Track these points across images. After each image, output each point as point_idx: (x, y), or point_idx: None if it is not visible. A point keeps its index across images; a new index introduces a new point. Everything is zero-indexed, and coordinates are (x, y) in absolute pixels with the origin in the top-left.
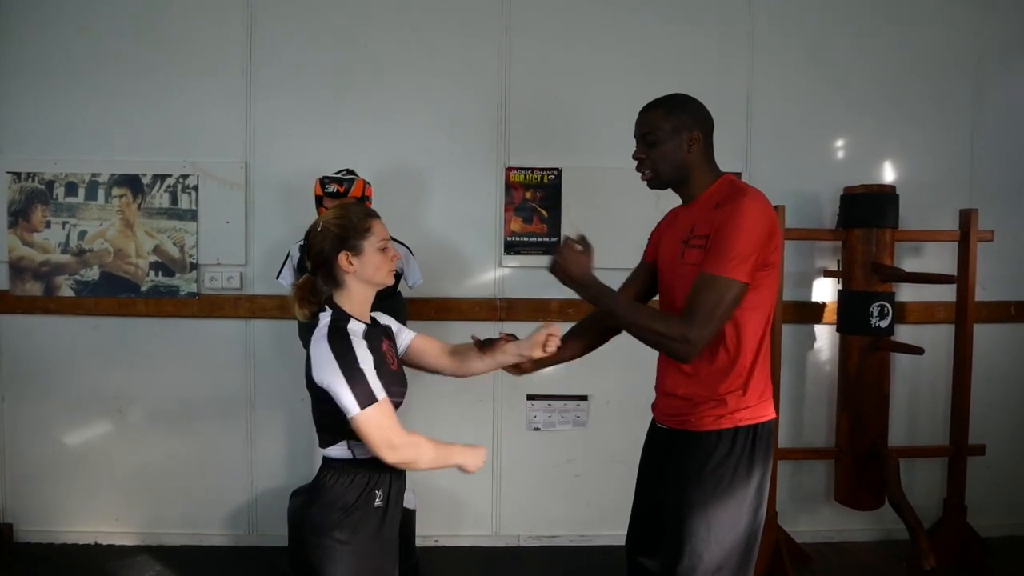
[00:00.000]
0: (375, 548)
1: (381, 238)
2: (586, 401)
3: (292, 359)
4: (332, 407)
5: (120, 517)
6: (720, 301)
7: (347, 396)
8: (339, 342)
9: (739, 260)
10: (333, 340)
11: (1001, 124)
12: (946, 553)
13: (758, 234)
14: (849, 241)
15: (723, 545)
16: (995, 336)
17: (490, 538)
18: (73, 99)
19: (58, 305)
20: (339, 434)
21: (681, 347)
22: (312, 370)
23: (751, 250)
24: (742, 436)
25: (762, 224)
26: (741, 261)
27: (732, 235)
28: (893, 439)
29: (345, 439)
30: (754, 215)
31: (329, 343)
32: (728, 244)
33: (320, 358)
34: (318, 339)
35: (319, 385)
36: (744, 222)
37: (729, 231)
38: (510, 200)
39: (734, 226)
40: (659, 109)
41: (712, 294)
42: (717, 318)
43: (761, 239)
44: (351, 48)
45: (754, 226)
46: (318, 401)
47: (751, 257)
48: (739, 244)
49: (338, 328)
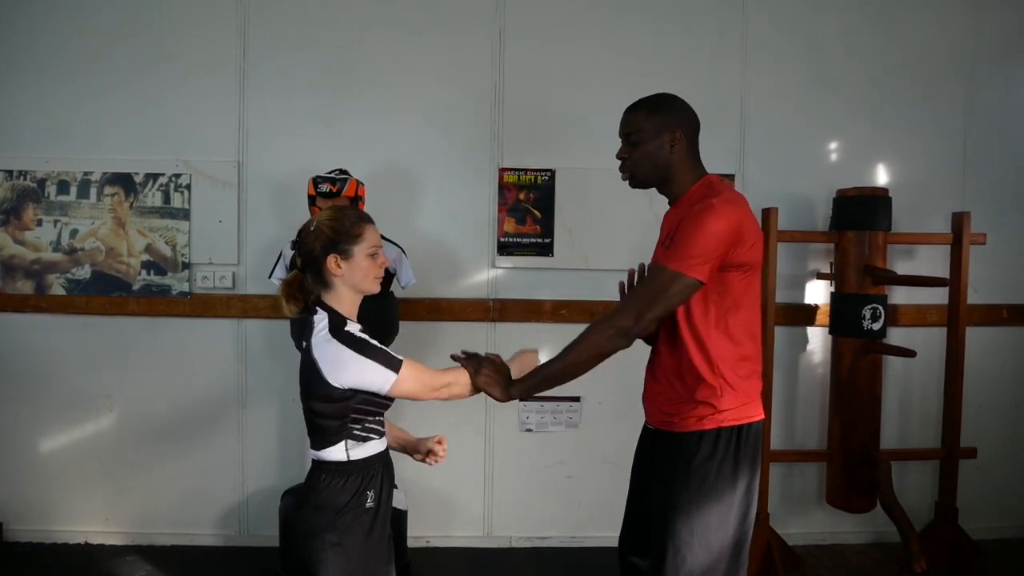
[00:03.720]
0: (366, 549)
1: (372, 244)
2: (578, 402)
3: (284, 358)
4: (338, 408)
5: (110, 516)
6: (661, 291)
7: (376, 372)
8: (345, 335)
9: (694, 258)
10: (339, 336)
11: (994, 127)
12: (937, 556)
13: (720, 235)
14: (842, 243)
15: (709, 548)
16: (987, 339)
17: (482, 539)
18: (66, 97)
19: (49, 304)
20: (338, 436)
21: (620, 341)
22: (326, 374)
23: (709, 250)
24: (725, 437)
25: (726, 225)
26: (696, 259)
27: (691, 233)
28: (885, 442)
29: (344, 440)
30: (719, 216)
31: (337, 340)
32: (685, 240)
33: (333, 356)
34: (323, 341)
35: (340, 387)
36: (707, 221)
37: (689, 229)
38: (503, 201)
39: (696, 224)
40: (642, 109)
41: (654, 284)
42: (656, 307)
43: (723, 240)
44: (345, 48)
45: (716, 226)
46: (325, 402)
47: (708, 256)
48: (696, 242)
49: (339, 326)
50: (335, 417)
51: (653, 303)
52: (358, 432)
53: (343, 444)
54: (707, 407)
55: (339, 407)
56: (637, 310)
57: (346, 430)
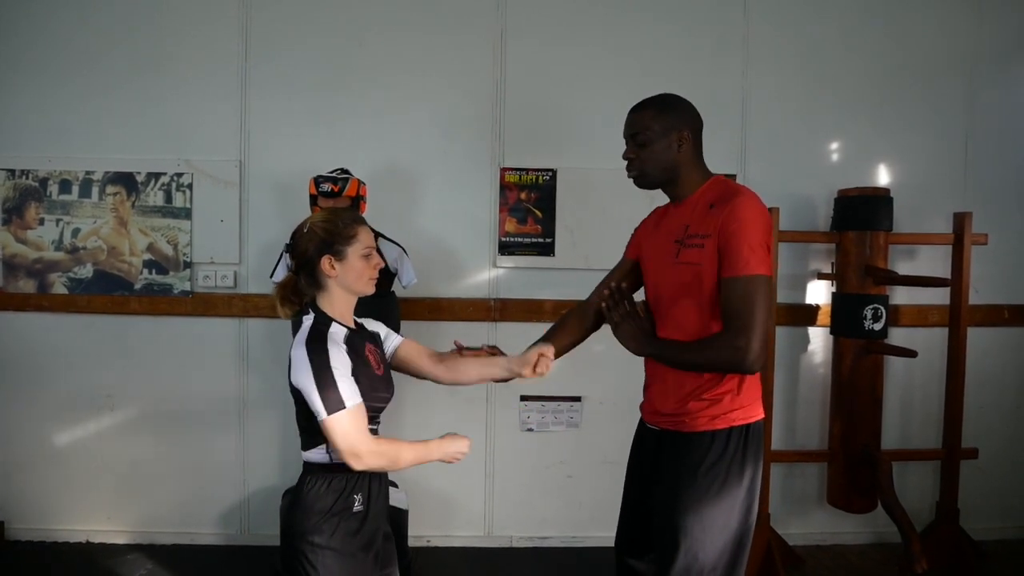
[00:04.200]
0: (354, 552)
1: (366, 245)
2: (579, 402)
3: (285, 358)
4: (309, 410)
5: (112, 515)
6: (755, 299)
7: (316, 400)
8: (316, 346)
9: (756, 255)
10: (310, 343)
11: (995, 127)
12: (938, 556)
13: (763, 227)
14: (843, 244)
15: (716, 545)
16: (988, 339)
17: (482, 538)
18: (68, 96)
19: (51, 303)
20: (318, 437)
21: (741, 360)
22: (290, 372)
23: (762, 242)
24: (736, 436)
25: (763, 218)
26: (759, 255)
27: (742, 233)
28: (886, 442)
29: (324, 442)
30: (755, 210)
31: (306, 346)
32: (741, 242)
33: (296, 361)
34: (298, 342)
35: (295, 387)
36: (749, 218)
37: (738, 230)
38: (504, 201)
39: (741, 224)
40: (648, 109)
41: (745, 296)
42: (761, 316)
43: (767, 231)
44: (346, 48)
45: (757, 220)
46: (298, 403)
47: (764, 249)
48: (750, 240)
49: (319, 332)
50: (310, 416)
51: (764, 310)
52: None
53: (324, 446)
54: (719, 407)
55: (307, 407)
56: (761, 331)
57: None
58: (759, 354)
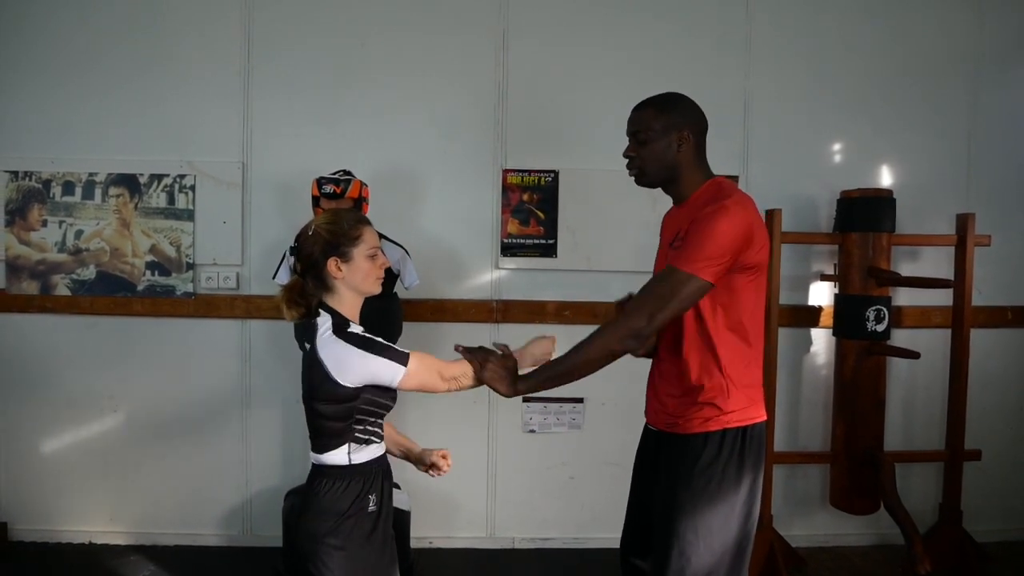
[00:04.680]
0: (370, 552)
1: (371, 246)
2: (582, 403)
3: (288, 359)
4: (343, 409)
5: (115, 517)
6: (673, 293)
7: (384, 366)
8: (349, 335)
9: (705, 259)
10: (343, 335)
11: (998, 128)
12: (942, 558)
13: (732, 237)
14: (846, 245)
15: (712, 548)
16: (991, 341)
17: (485, 540)
18: (70, 98)
19: (54, 304)
20: (341, 438)
21: (632, 342)
22: (334, 374)
23: (721, 252)
24: (730, 438)
25: (739, 228)
26: (708, 260)
27: (704, 234)
28: (889, 443)
29: (347, 443)
30: (732, 218)
31: (342, 339)
32: (697, 242)
33: (339, 355)
34: (328, 342)
35: (348, 386)
36: (719, 224)
37: (701, 230)
38: (507, 202)
39: (708, 226)
40: (650, 107)
41: (665, 285)
42: (668, 309)
43: (735, 243)
44: (349, 49)
45: (729, 229)
46: (330, 403)
47: (721, 259)
48: (709, 244)
49: (342, 327)
50: (339, 419)
51: (665, 305)
52: (360, 435)
53: (346, 447)
54: (713, 408)
55: (344, 408)
56: (649, 311)
57: (349, 432)
58: (637, 335)
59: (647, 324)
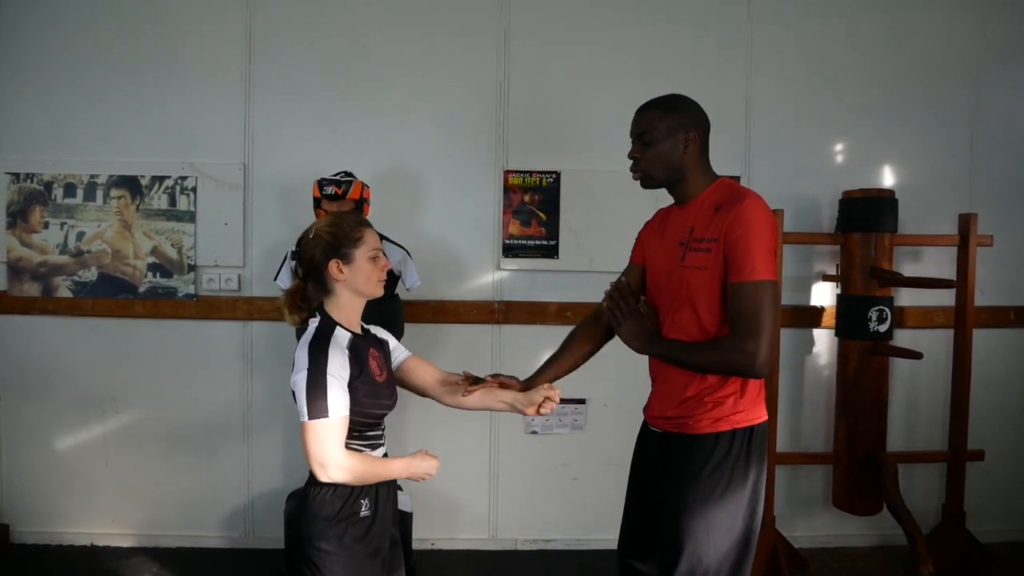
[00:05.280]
0: (361, 558)
1: (372, 247)
2: (584, 404)
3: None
4: None
5: (117, 518)
6: (763, 305)
7: (303, 401)
8: (316, 349)
9: (763, 260)
10: (313, 345)
11: (1000, 128)
12: (944, 559)
13: (769, 231)
14: (848, 245)
15: (721, 547)
16: (994, 341)
17: (487, 541)
18: (72, 100)
19: (56, 306)
20: None
21: (750, 365)
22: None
23: (769, 247)
24: (739, 438)
25: (770, 222)
26: (765, 260)
27: (750, 238)
28: (891, 444)
29: None
30: (761, 215)
31: (308, 347)
32: (749, 247)
33: (296, 362)
34: (301, 344)
35: (291, 388)
36: (755, 222)
37: (744, 235)
38: (508, 203)
39: (748, 228)
40: (656, 109)
41: (753, 301)
42: (767, 322)
43: (773, 236)
44: (350, 50)
45: (763, 224)
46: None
47: (770, 254)
48: (758, 245)
49: (322, 336)
50: None
51: (771, 316)
52: (353, 445)
53: None
54: (722, 409)
55: None
56: (768, 337)
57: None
58: (767, 359)
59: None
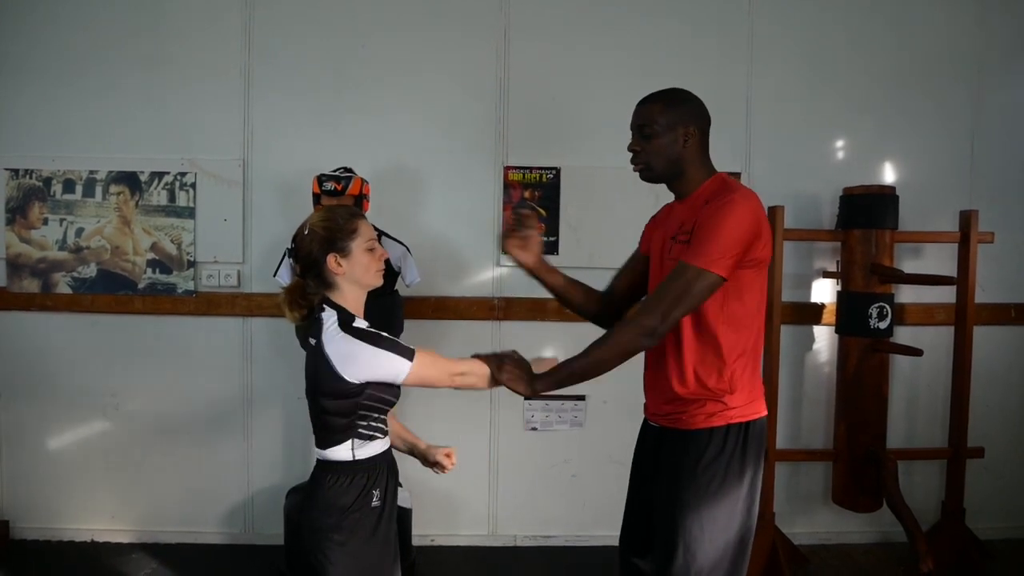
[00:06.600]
0: (373, 548)
1: (368, 238)
2: (583, 401)
3: (289, 357)
4: (347, 404)
5: (116, 515)
6: (688, 289)
7: (390, 361)
8: (355, 329)
9: (718, 254)
10: (349, 330)
11: (1001, 125)
12: (944, 556)
13: (742, 231)
14: (848, 242)
15: (716, 544)
16: (995, 338)
17: (487, 538)
18: (71, 96)
19: (55, 302)
20: (345, 434)
21: (647, 340)
22: (339, 369)
23: (732, 246)
24: (734, 434)
25: (748, 222)
26: (720, 255)
27: (715, 229)
28: (891, 441)
29: (350, 439)
30: (740, 213)
31: (348, 334)
32: (709, 237)
33: (345, 351)
34: (333, 337)
35: (353, 381)
36: (729, 218)
37: (712, 225)
38: (508, 199)
39: (718, 221)
40: (657, 102)
41: (680, 281)
42: (682, 305)
43: (745, 236)
44: (350, 46)
45: (739, 223)
46: (335, 399)
47: (731, 253)
48: (721, 238)
49: (348, 322)
50: (343, 414)
51: (679, 302)
52: (364, 431)
53: (349, 443)
54: (717, 404)
55: (348, 403)
56: (663, 309)
57: (353, 428)
58: (651, 333)
59: (661, 322)
